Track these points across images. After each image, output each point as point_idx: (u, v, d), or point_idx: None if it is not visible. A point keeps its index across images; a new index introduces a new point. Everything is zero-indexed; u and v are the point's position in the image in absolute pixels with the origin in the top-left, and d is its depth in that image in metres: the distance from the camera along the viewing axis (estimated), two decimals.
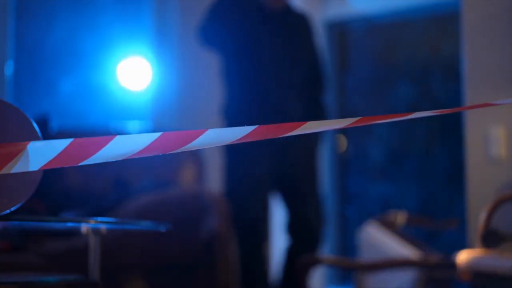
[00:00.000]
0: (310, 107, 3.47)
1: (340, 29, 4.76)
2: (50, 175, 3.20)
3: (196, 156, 3.77)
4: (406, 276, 2.98)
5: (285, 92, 3.37)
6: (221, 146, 3.26)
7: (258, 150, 3.30)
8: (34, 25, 4.15)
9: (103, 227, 1.79)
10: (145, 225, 2.36)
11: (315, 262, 2.63)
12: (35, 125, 1.36)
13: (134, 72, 4.20)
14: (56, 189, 3.32)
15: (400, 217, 3.31)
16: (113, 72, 4.17)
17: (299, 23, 3.51)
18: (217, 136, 1.06)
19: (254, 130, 1.05)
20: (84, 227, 1.83)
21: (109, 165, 3.26)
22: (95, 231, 1.80)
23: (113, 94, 4.20)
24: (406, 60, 4.66)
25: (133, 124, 4.01)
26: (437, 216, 3.88)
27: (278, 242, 3.94)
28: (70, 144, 1.00)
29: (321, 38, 3.78)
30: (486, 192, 2.96)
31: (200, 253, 3.01)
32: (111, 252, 2.77)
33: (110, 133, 3.42)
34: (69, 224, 2.01)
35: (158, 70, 4.23)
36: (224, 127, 3.28)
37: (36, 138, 1.34)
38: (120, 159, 1.05)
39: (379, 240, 3.24)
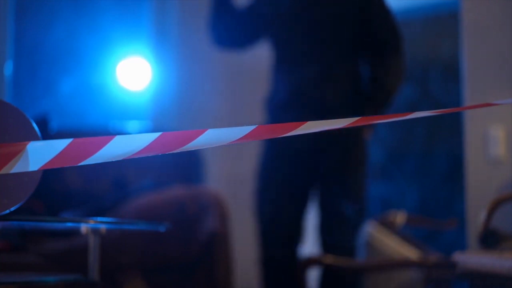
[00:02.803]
0: (375, 89, 3.00)
1: None
2: (50, 175, 3.21)
3: (197, 157, 3.77)
4: (406, 276, 2.98)
5: (325, 83, 2.94)
6: (259, 141, 3.11)
7: (300, 145, 2.93)
8: (34, 25, 4.15)
9: (102, 227, 1.79)
10: (145, 225, 2.37)
11: (315, 262, 2.63)
12: (34, 125, 1.36)
13: (133, 72, 4.20)
14: (56, 189, 3.32)
15: (400, 217, 3.31)
16: (113, 72, 4.17)
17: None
18: (217, 136, 1.06)
19: (253, 130, 1.05)
20: (84, 227, 1.83)
21: (109, 165, 3.26)
22: (95, 231, 1.80)
23: (113, 94, 4.20)
24: (406, 60, 4.66)
25: (132, 124, 4.01)
26: (437, 216, 3.88)
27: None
28: (70, 144, 1.00)
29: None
30: (486, 192, 2.96)
31: (200, 253, 3.01)
32: (110, 252, 2.77)
33: (109, 133, 3.42)
34: (69, 224, 2.01)
35: (158, 70, 4.23)
36: (266, 121, 3.06)
37: (35, 138, 1.34)
38: (120, 159, 1.05)
39: (379, 240, 3.24)
